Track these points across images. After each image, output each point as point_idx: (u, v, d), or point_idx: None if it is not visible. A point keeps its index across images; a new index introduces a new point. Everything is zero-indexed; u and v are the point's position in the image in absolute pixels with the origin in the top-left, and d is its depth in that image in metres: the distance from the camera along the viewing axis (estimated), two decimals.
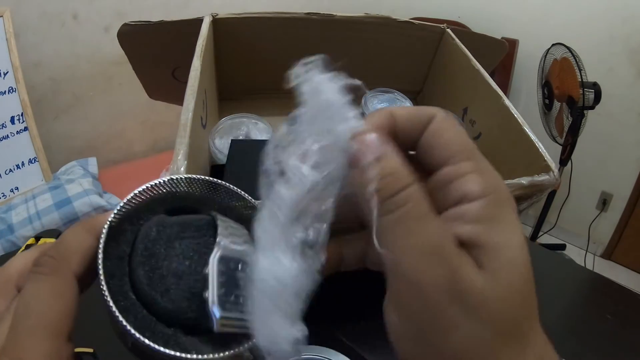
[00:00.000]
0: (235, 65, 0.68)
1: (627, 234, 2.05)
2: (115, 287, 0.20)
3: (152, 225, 0.22)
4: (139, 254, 0.21)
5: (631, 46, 1.82)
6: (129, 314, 0.19)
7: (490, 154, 0.61)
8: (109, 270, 0.20)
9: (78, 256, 0.21)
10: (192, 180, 0.24)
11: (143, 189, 0.23)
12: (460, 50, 0.65)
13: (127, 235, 0.22)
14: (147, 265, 0.20)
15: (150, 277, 0.20)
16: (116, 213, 0.22)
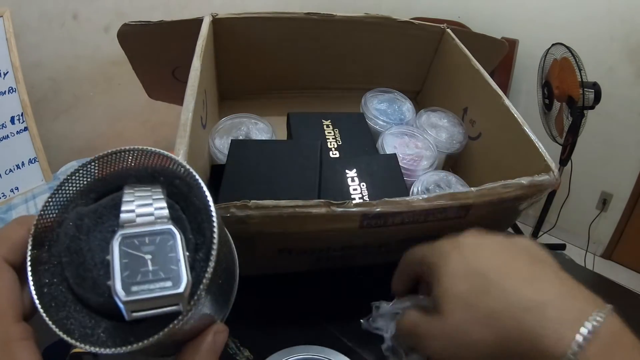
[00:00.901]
0: (235, 65, 0.68)
1: (627, 234, 2.05)
2: (56, 294, 0.20)
3: (70, 221, 0.21)
4: (64, 254, 0.20)
5: (631, 46, 1.82)
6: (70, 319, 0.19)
7: (490, 154, 0.61)
8: (48, 279, 0.20)
9: (8, 242, 0.21)
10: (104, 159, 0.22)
11: (58, 186, 0.22)
12: (460, 50, 0.65)
13: (59, 238, 0.21)
14: (73, 264, 0.20)
15: (78, 275, 0.20)
16: (40, 217, 0.21)
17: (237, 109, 0.61)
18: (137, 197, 0.20)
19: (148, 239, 0.19)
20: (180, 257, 0.18)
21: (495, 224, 0.53)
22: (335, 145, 0.55)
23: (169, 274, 0.18)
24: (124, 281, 0.18)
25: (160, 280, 0.18)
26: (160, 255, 0.18)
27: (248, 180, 0.43)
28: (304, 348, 0.38)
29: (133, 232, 0.19)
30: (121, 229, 0.19)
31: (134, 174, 0.22)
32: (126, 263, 0.18)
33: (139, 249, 0.18)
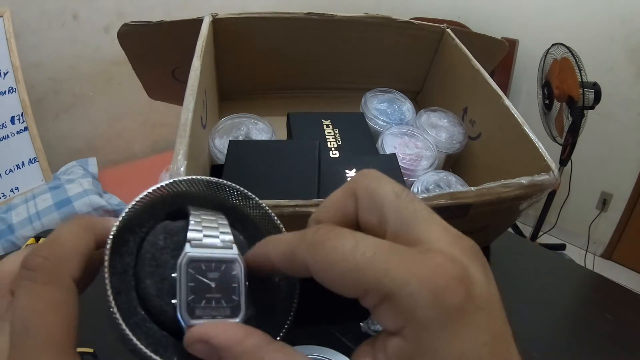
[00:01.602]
0: (235, 65, 0.68)
1: (627, 234, 2.05)
2: (124, 304, 0.19)
3: (159, 233, 0.21)
4: (147, 264, 0.20)
5: (631, 46, 1.82)
6: (139, 330, 0.19)
7: (490, 154, 0.61)
8: (115, 287, 0.19)
9: (76, 259, 0.18)
10: (193, 181, 0.23)
11: (143, 195, 0.22)
12: (460, 50, 0.65)
13: (129, 246, 0.21)
14: (155, 276, 0.20)
15: (160, 288, 0.19)
16: (118, 223, 0.20)
17: (237, 109, 0.61)
18: (203, 219, 0.21)
19: (214, 265, 0.19)
20: (242, 288, 0.19)
21: (495, 224, 0.53)
22: (335, 145, 0.55)
23: (230, 304, 0.19)
24: (189, 304, 0.18)
25: (221, 308, 0.18)
26: (224, 283, 0.19)
27: (247, 180, 0.43)
28: (304, 348, 0.38)
29: (201, 255, 0.19)
30: (189, 249, 0.19)
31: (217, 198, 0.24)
32: (192, 287, 0.18)
33: (205, 274, 0.19)
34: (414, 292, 0.15)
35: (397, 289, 0.15)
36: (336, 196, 0.20)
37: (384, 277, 0.15)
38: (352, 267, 0.16)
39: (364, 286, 0.16)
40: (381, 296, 0.16)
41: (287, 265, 0.18)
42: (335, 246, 0.17)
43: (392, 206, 0.18)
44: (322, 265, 0.17)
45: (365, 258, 0.16)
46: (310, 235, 0.17)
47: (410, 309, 0.15)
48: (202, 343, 0.17)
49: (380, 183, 0.19)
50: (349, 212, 0.19)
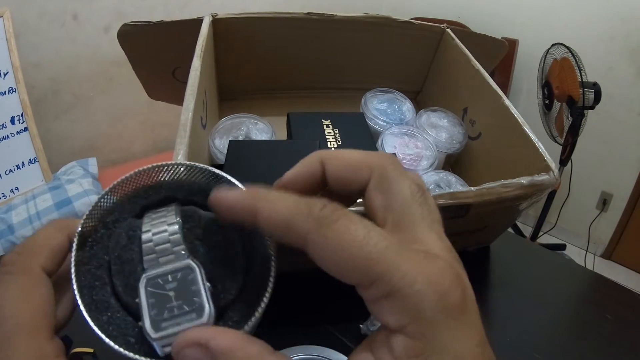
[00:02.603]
0: (235, 65, 0.68)
1: (627, 234, 2.05)
2: (98, 297, 0.20)
3: (122, 232, 0.21)
4: (113, 262, 0.21)
5: (631, 46, 1.82)
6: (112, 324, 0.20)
7: (490, 154, 0.61)
8: (89, 281, 0.20)
9: (45, 251, 0.20)
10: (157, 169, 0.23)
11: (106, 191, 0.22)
12: (460, 50, 0.65)
13: (103, 241, 0.21)
14: (122, 274, 0.20)
15: (127, 285, 0.20)
16: (86, 219, 0.21)
17: (237, 109, 0.61)
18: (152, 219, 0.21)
19: (170, 276, 0.19)
20: (201, 288, 0.19)
21: (495, 224, 0.53)
22: (335, 145, 0.55)
23: (192, 306, 0.19)
24: (152, 320, 0.18)
25: (185, 314, 0.19)
26: (183, 289, 0.19)
27: (247, 180, 0.43)
28: (304, 348, 0.38)
29: (155, 273, 0.20)
30: (145, 272, 0.20)
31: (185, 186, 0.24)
32: (153, 302, 0.19)
33: (163, 287, 0.19)
34: (422, 290, 0.16)
35: (405, 285, 0.16)
36: (306, 164, 0.21)
37: (395, 271, 0.16)
38: (364, 255, 0.16)
39: (373, 276, 0.16)
40: (387, 290, 0.16)
41: (279, 229, 0.18)
42: (347, 229, 0.16)
43: (404, 201, 0.19)
44: (331, 245, 0.16)
45: (377, 249, 0.16)
46: (318, 209, 0.17)
47: (416, 306, 0.16)
48: (197, 347, 0.17)
49: (401, 175, 0.19)
50: (315, 178, 0.21)
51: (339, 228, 0.17)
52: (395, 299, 0.16)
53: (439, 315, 0.16)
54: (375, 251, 0.16)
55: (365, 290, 0.17)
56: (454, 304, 0.16)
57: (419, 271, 0.16)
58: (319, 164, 0.21)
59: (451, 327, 0.16)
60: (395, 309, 0.16)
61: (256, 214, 0.18)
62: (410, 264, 0.16)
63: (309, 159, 0.21)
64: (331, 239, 0.17)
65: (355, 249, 0.16)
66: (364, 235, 0.16)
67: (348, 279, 0.17)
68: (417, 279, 0.16)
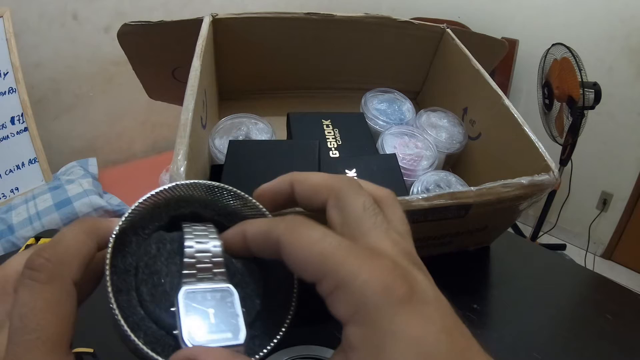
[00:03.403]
0: (235, 65, 0.68)
1: (627, 234, 2.05)
2: (124, 303, 0.20)
3: (152, 243, 0.22)
4: (141, 271, 0.21)
5: (631, 46, 1.82)
6: (139, 329, 0.20)
7: (490, 154, 0.61)
8: (116, 285, 0.20)
9: (77, 261, 0.19)
10: (194, 186, 0.24)
11: (146, 197, 0.22)
12: (460, 50, 0.65)
13: (132, 247, 0.22)
14: (149, 283, 0.21)
15: (153, 295, 0.21)
16: (120, 224, 0.21)
17: (237, 109, 0.61)
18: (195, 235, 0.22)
19: (210, 295, 0.20)
20: (238, 312, 0.20)
21: (495, 224, 0.53)
22: (335, 145, 0.55)
23: (230, 327, 0.20)
24: (189, 334, 0.19)
25: (222, 332, 0.20)
26: (221, 309, 0.20)
27: (247, 180, 0.43)
28: (304, 348, 0.38)
29: (197, 288, 0.20)
30: (185, 285, 0.20)
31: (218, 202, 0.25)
32: (191, 316, 0.20)
33: (203, 303, 0.20)
34: (364, 282, 0.17)
35: (350, 278, 0.17)
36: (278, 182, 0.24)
37: (341, 266, 0.18)
38: (317, 252, 0.18)
39: (323, 271, 0.18)
40: (335, 283, 0.18)
41: (260, 243, 0.21)
42: (307, 232, 0.19)
43: (356, 215, 0.21)
44: (293, 245, 0.19)
45: (329, 247, 0.18)
46: (288, 220, 0.20)
47: (360, 296, 0.17)
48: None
49: (355, 194, 0.22)
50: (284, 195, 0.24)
51: (301, 231, 0.19)
52: (342, 291, 0.18)
53: (385, 303, 0.17)
54: (327, 249, 0.18)
55: (319, 285, 0.18)
56: (400, 295, 0.17)
57: (363, 266, 0.18)
58: (289, 184, 0.24)
59: (401, 314, 0.17)
60: (343, 301, 0.18)
61: (244, 235, 0.22)
62: (356, 261, 0.18)
63: (281, 179, 0.24)
64: (294, 240, 0.19)
65: (311, 246, 0.19)
66: (320, 238, 0.19)
67: (306, 275, 0.19)
68: (361, 272, 0.17)
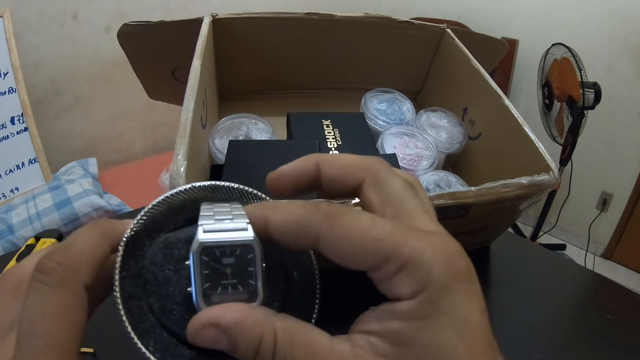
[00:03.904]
0: (235, 65, 0.68)
1: (627, 234, 2.05)
2: (135, 308, 0.19)
3: (158, 250, 0.20)
4: (150, 282, 0.20)
5: (631, 46, 1.82)
6: (149, 336, 0.19)
7: (490, 154, 0.61)
8: (127, 290, 0.19)
9: (90, 265, 0.19)
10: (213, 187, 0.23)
11: (160, 200, 0.21)
12: (460, 50, 0.65)
13: (144, 251, 0.20)
14: (159, 294, 0.20)
15: (163, 306, 0.19)
16: (133, 227, 0.20)
17: (237, 109, 0.61)
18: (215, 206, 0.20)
19: (229, 250, 0.19)
20: (258, 272, 0.19)
21: (495, 224, 0.53)
22: (335, 145, 0.55)
23: (248, 288, 0.19)
24: (204, 292, 0.18)
25: (238, 293, 0.18)
26: (240, 268, 0.19)
27: (247, 180, 0.43)
28: None
29: (213, 241, 0.18)
30: (201, 235, 0.18)
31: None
32: (207, 274, 0.18)
33: (220, 260, 0.18)
34: (431, 259, 0.17)
35: (415, 256, 0.17)
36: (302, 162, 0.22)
37: (404, 246, 0.17)
38: (374, 237, 0.17)
39: (385, 254, 0.17)
40: (401, 263, 0.17)
41: (290, 234, 0.19)
42: (355, 218, 0.18)
43: (398, 195, 0.20)
44: (342, 234, 0.18)
45: (385, 230, 0.18)
46: (325, 207, 0.19)
47: (427, 273, 0.17)
48: (212, 327, 0.17)
49: (392, 174, 0.21)
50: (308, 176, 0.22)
51: (347, 219, 0.18)
52: (408, 270, 0.17)
53: (449, 280, 0.17)
54: (383, 232, 0.18)
55: (378, 271, 0.18)
56: (460, 270, 0.17)
57: (425, 244, 0.17)
58: (314, 165, 0.22)
59: (458, 292, 0.17)
60: (409, 280, 0.17)
61: (266, 222, 0.19)
62: (416, 239, 0.18)
63: (305, 159, 0.22)
64: (342, 229, 0.18)
65: (365, 233, 0.18)
66: (370, 222, 0.18)
67: (362, 264, 0.18)
68: (426, 249, 0.17)
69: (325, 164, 0.22)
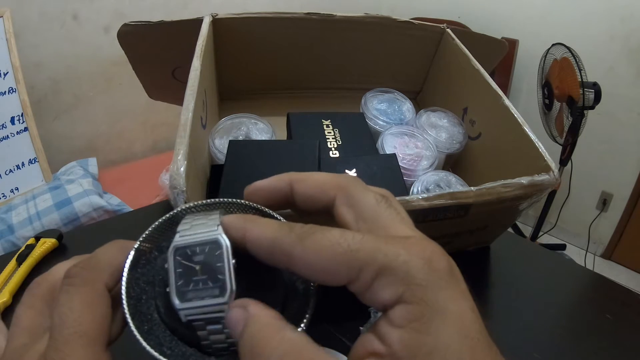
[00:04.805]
0: (235, 65, 0.68)
1: (627, 234, 2.05)
2: (143, 309, 0.21)
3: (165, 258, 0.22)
4: (157, 285, 0.22)
5: (631, 46, 1.82)
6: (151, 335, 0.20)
7: (490, 154, 0.61)
8: (137, 294, 0.21)
9: (108, 269, 0.21)
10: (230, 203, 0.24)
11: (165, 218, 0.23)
12: (460, 50, 0.65)
13: (154, 262, 0.23)
14: (165, 298, 0.21)
15: (169, 307, 0.20)
16: (143, 240, 0.22)
17: (237, 109, 0.61)
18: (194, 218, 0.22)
19: (198, 248, 0.20)
20: (226, 267, 0.19)
21: (495, 224, 0.53)
22: (335, 145, 0.55)
23: (217, 283, 0.19)
24: (178, 289, 0.19)
25: (208, 289, 0.19)
26: (209, 264, 0.20)
27: (247, 180, 0.43)
28: None
29: (184, 242, 0.20)
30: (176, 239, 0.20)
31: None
32: (180, 272, 0.20)
33: (191, 258, 0.20)
34: (407, 260, 0.17)
35: (390, 260, 0.17)
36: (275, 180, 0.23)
37: (377, 253, 0.17)
38: (344, 250, 0.18)
39: (358, 265, 0.17)
40: (376, 271, 0.17)
41: (265, 249, 0.20)
42: (324, 235, 0.18)
43: (371, 209, 0.21)
44: (313, 251, 0.18)
45: (355, 241, 0.18)
46: (298, 228, 0.19)
47: (406, 274, 0.17)
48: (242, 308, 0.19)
49: (365, 190, 0.22)
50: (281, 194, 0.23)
51: (316, 236, 0.18)
52: (385, 276, 0.17)
53: (430, 278, 0.17)
54: (354, 243, 0.18)
55: (355, 282, 0.18)
56: (442, 269, 0.17)
57: (399, 247, 0.18)
58: (287, 184, 0.23)
59: (444, 288, 0.17)
60: (388, 284, 0.17)
61: (245, 234, 0.20)
62: (389, 245, 0.18)
63: (279, 177, 0.23)
64: (312, 247, 0.18)
65: (335, 247, 0.18)
66: (340, 235, 0.18)
67: (337, 278, 0.18)
68: (400, 252, 0.17)
69: (298, 182, 0.23)
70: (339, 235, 0.18)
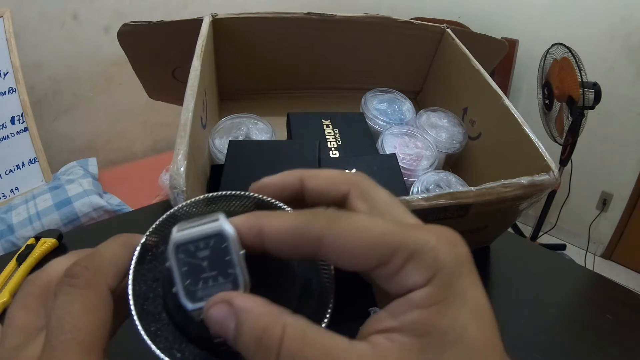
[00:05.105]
0: (235, 65, 0.68)
1: (627, 234, 2.05)
2: (150, 308, 0.20)
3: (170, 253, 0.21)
4: (166, 282, 0.20)
5: (631, 45, 1.82)
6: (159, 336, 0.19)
7: (490, 154, 0.61)
8: (144, 292, 0.20)
9: (113, 269, 0.20)
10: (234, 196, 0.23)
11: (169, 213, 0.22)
12: (460, 50, 0.65)
13: (161, 257, 0.21)
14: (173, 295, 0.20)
15: (178, 306, 0.19)
16: (150, 234, 0.21)
17: (237, 109, 0.61)
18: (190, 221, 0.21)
19: (202, 243, 0.19)
20: (235, 259, 0.18)
21: (495, 224, 0.53)
22: (335, 145, 0.55)
23: (228, 278, 0.18)
24: (187, 289, 0.18)
25: (220, 285, 0.18)
26: (216, 258, 0.18)
27: (247, 180, 0.43)
28: None
29: (186, 237, 0.19)
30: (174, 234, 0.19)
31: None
32: (186, 271, 0.18)
33: (195, 255, 0.18)
34: (436, 246, 0.18)
35: (422, 245, 0.18)
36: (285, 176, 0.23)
37: (409, 238, 0.18)
38: (377, 233, 0.18)
39: (392, 247, 0.18)
40: (408, 254, 0.18)
41: (289, 240, 0.19)
42: (354, 219, 0.19)
43: (385, 202, 0.21)
44: (346, 234, 0.18)
45: (386, 226, 0.18)
46: (323, 212, 0.19)
47: (435, 260, 0.17)
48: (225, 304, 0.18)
49: (376, 186, 0.22)
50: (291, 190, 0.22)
51: (347, 220, 0.18)
52: (417, 259, 0.17)
53: (455, 265, 0.18)
54: (385, 227, 0.18)
55: (385, 265, 0.18)
56: (464, 255, 0.18)
57: (427, 233, 0.18)
58: (298, 179, 0.22)
59: (466, 275, 0.18)
60: (420, 268, 0.17)
61: (261, 230, 0.19)
62: (417, 231, 0.18)
63: (287, 174, 0.23)
64: (345, 229, 0.18)
65: (368, 230, 0.18)
66: (370, 220, 0.18)
67: (368, 262, 0.18)
68: (430, 238, 0.18)
69: (309, 178, 0.22)
70: (369, 219, 0.18)
